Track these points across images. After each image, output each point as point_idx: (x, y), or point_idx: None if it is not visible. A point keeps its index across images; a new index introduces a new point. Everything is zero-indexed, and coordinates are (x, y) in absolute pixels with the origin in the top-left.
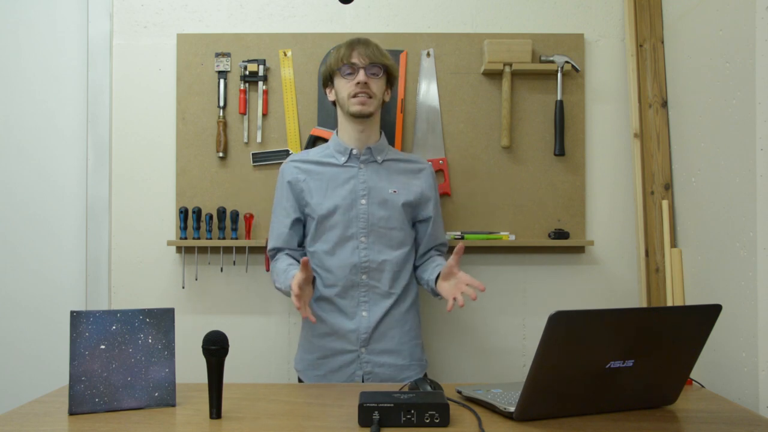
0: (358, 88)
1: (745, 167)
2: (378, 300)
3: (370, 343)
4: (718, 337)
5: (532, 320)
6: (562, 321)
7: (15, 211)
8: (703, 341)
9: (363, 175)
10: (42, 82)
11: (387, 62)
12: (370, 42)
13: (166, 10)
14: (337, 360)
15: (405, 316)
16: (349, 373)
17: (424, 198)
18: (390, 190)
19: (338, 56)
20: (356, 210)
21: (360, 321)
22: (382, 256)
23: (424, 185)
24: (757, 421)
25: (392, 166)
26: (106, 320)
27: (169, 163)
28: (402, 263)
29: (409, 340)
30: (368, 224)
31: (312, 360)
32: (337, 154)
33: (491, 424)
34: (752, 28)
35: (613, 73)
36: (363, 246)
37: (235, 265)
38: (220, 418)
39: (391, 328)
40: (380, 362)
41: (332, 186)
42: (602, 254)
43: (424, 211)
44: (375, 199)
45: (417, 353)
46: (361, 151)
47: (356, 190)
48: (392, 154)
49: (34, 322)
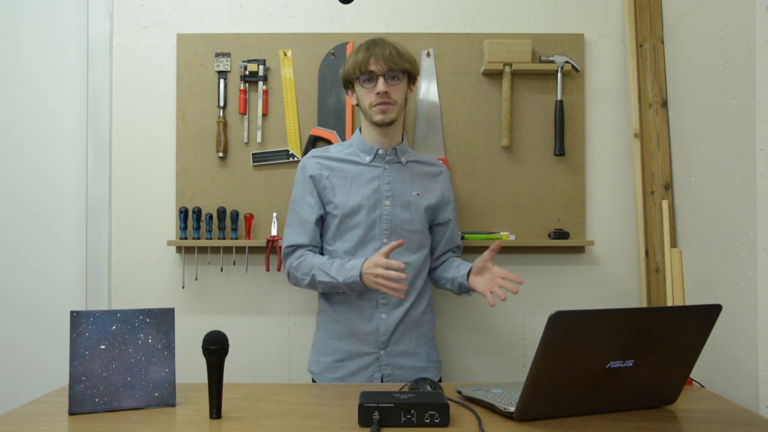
0: (379, 98)
1: (745, 167)
2: (396, 302)
3: (389, 345)
4: (718, 337)
5: (532, 320)
6: (562, 321)
7: (15, 211)
8: (703, 341)
9: (388, 176)
10: (42, 82)
11: (406, 66)
12: (387, 44)
13: (166, 10)
14: (355, 363)
15: (421, 317)
16: (368, 375)
17: (444, 201)
18: (414, 193)
19: (356, 62)
20: (380, 211)
21: (379, 323)
22: (403, 259)
23: (444, 188)
24: (757, 421)
25: (414, 168)
26: (106, 320)
27: (169, 163)
28: (420, 266)
29: (425, 342)
30: (391, 226)
31: (329, 363)
32: (361, 153)
33: (491, 424)
34: (752, 28)
35: (613, 73)
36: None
37: (235, 265)
38: (220, 418)
39: (408, 330)
40: (399, 364)
41: (356, 184)
42: (602, 254)
43: (444, 214)
44: (399, 201)
45: (433, 355)
46: (387, 151)
47: (381, 190)
48: (413, 155)
49: (34, 322)
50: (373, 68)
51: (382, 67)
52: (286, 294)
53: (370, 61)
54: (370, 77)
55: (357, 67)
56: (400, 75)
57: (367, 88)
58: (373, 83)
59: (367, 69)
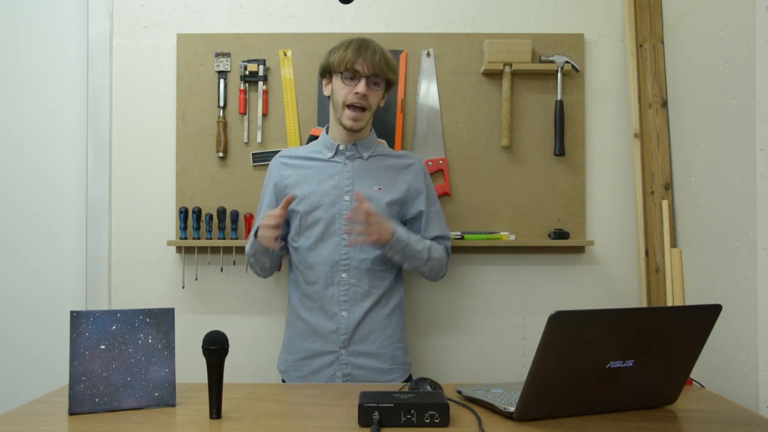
0: (356, 98)
1: (745, 167)
2: (358, 300)
3: (350, 344)
4: (718, 337)
5: (532, 320)
6: (562, 321)
7: (15, 211)
8: (703, 341)
9: (348, 171)
10: (42, 82)
11: (389, 75)
12: (377, 49)
13: (166, 10)
14: (317, 361)
15: (388, 319)
16: (329, 374)
17: (411, 193)
18: (375, 188)
19: (343, 58)
20: (339, 206)
21: (339, 321)
22: (363, 254)
23: (412, 179)
24: (757, 421)
25: (378, 162)
26: (106, 320)
27: (169, 163)
28: (384, 262)
29: (391, 344)
30: (351, 221)
31: (293, 361)
32: (324, 149)
33: (491, 424)
34: (752, 28)
35: (613, 73)
36: (344, 243)
37: (235, 265)
38: (220, 418)
39: (373, 331)
40: (360, 364)
41: (316, 181)
42: (602, 254)
43: (413, 207)
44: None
45: (399, 357)
46: (347, 147)
47: (340, 185)
48: (381, 150)
49: (34, 322)
50: (358, 69)
51: (368, 71)
52: (286, 294)
53: (358, 61)
54: (353, 76)
55: (343, 63)
56: (381, 82)
57: (346, 85)
58: (354, 82)
59: (353, 67)
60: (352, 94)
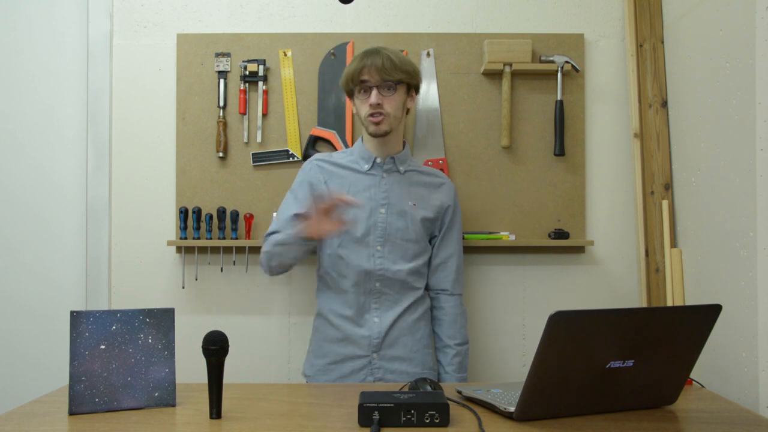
0: (371, 109)
1: (745, 167)
2: (389, 306)
3: (381, 348)
4: (718, 337)
5: (532, 320)
6: (562, 321)
7: (15, 211)
8: (703, 341)
9: (384, 185)
10: (42, 82)
11: (400, 76)
12: (382, 53)
13: (166, 10)
14: (347, 365)
15: (416, 324)
16: (359, 378)
17: (442, 212)
18: (410, 203)
19: (350, 73)
20: (375, 218)
21: (372, 327)
22: (397, 267)
23: (444, 198)
24: (757, 421)
25: (414, 178)
26: (106, 320)
27: (169, 163)
28: (416, 274)
29: (420, 348)
30: (385, 233)
31: (322, 365)
32: (360, 160)
33: (491, 424)
34: (752, 28)
35: (613, 73)
36: (378, 254)
37: (235, 265)
38: (220, 418)
39: (402, 335)
40: (392, 368)
41: (353, 192)
42: (602, 254)
43: (442, 225)
44: (394, 210)
45: (429, 361)
46: (384, 160)
47: (376, 198)
48: (414, 165)
49: (34, 322)
50: (366, 78)
51: (376, 79)
52: (286, 294)
53: (363, 71)
54: (364, 88)
55: (351, 77)
56: (395, 86)
57: (361, 99)
58: (367, 94)
59: (360, 79)
60: (367, 105)
